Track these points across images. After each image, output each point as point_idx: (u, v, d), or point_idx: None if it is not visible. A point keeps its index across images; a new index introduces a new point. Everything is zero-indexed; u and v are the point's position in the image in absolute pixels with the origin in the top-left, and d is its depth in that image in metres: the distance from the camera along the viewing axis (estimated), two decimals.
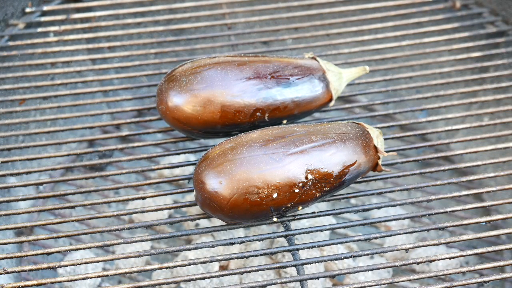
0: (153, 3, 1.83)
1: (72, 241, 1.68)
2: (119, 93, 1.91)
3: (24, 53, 1.66)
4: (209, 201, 1.25)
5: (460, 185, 1.76)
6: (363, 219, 1.36)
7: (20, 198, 1.39)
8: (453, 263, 1.58)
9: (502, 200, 1.38)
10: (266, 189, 1.24)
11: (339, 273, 1.27)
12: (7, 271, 1.27)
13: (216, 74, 1.35)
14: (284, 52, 1.75)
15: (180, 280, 1.26)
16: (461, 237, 1.32)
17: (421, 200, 1.37)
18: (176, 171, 1.81)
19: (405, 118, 1.88)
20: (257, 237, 1.32)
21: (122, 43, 1.70)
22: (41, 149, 1.73)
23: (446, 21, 1.77)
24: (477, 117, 1.78)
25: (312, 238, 1.57)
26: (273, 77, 1.38)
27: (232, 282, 1.52)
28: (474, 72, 1.73)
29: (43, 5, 1.76)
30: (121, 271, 1.28)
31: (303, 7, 1.83)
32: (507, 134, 1.50)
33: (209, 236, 1.62)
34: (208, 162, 1.25)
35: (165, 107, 1.36)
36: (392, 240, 1.64)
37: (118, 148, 1.47)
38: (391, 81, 1.70)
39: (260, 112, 1.37)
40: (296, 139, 1.27)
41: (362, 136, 1.32)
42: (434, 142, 1.48)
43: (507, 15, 1.75)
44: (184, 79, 1.35)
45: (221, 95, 1.34)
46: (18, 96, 1.57)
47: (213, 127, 1.36)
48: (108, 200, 1.38)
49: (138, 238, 1.31)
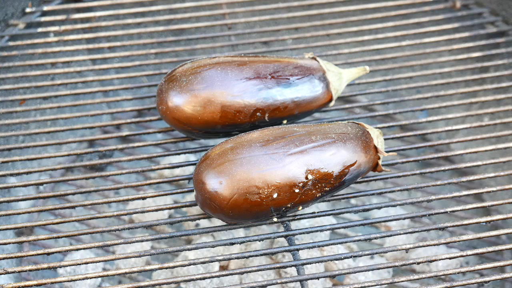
0: (153, 3, 1.83)
1: (72, 241, 1.68)
2: (119, 93, 1.91)
3: (24, 53, 1.66)
4: (209, 201, 1.25)
5: (460, 185, 1.76)
6: (363, 219, 1.36)
7: (21, 198, 1.39)
8: (453, 263, 1.58)
9: (502, 200, 1.38)
10: (266, 189, 1.24)
11: (339, 273, 1.27)
12: (7, 271, 1.27)
13: (216, 74, 1.35)
14: (284, 52, 1.75)
15: (180, 280, 1.26)
16: (461, 237, 1.32)
17: (421, 200, 1.37)
18: (176, 171, 1.81)
19: (405, 118, 1.88)
20: (257, 237, 1.32)
21: (122, 43, 1.70)
22: (42, 149, 1.73)
23: (446, 21, 1.77)
24: (477, 117, 1.78)
25: (312, 238, 1.57)
26: (273, 77, 1.38)
27: (232, 282, 1.52)
28: (475, 72, 1.73)
29: (43, 5, 1.76)
30: (121, 271, 1.28)
31: (303, 7, 1.83)
32: (507, 134, 1.50)
33: (209, 236, 1.62)
34: (208, 162, 1.25)
35: (165, 107, 1.36)
36: (392, 240, 1.64)
37: (118, 148, 1.47)
38: (391, 81, 1.70)
39: (260, 112, 1.37)
40: (296, 139, 1.27)
41: (362, 136, 1.32)
42: (434, 142, 1.48)
43: (507, 15, 1.75)
44: (184, 79, 1.35)
45: (221, 95, 1.34)
46: (18, 96, 1.57)
47: (213, 127, 1.36)
48: (108, 200, 1.38)
49: (138, 238, 1.31)
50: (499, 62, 1.66)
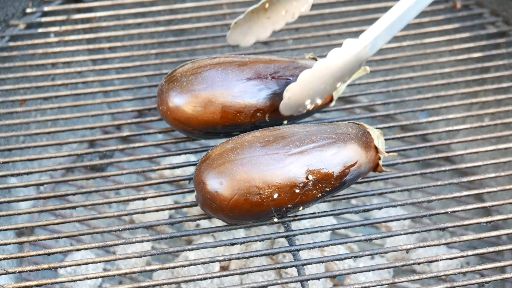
0: (154, 3, 1.83)
1: (72, 242, 1.68)
2: (120, 93, 1.91)
3: (25, 53, 1.66)
4: (209, 201, 1.25)
5: (460, 186, 1.76)
6: (364, 220, 1.36)
7: (21, 199, 1.39)
8: (453, 264, 1.58)
9: (503, 201, 1.38)
10: (267, 189, 1.24)
11: (340, 273, 1.27)
12: (7, 271, 1.27)
13: (217, 74, 1.35)
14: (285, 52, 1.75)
15: (181, 280, 1.27)
16: (462, 237, 1.32)
17: (421, 200, 1.37)
18: (177, 171, 1.81)
19: (406, 118, 1.88)
20: (258, 237, 1.32)
21: (123, 43, 1.70)
22: (42, 149, 1.73)
23: (447, 21, 1.77)
24: (478, 117, 1.78)
25: (313, 238, 1.57)
26: (273, 77, 1.38)
27: (232, 283, 1.52)
28: (475, 73, 1.73)
29: (43, 6, 1.76)
30: (122, 272, 1.28)
31: None
32: (508, 135, 1.50)
33: (209, 236, 1.62)
34: (209, 163, 1.25)
35: (166, 108, 1.36)
36: (392, 241, 1.64)
37: (119, 149, 1.47)
38: (392, 82, 1.70)
39: (260, 112, 1.37)
40: (296, 140, 1.27)
41: (363, 137, 1.32)
42: (435, 143, 1.48)
43: (508, 16, 1.75)
44: (184, 80, 1.35)
45: (221, 95, 1.34)
46: (19, 97, 1.58)
47: (214, 127, 1.36)
48: (108, 201, 1.38)
49: (138, 239, 1.31)
50: (499, 63, 1.66)
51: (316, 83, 1.34)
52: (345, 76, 1.36)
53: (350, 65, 1.34)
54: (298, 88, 1.34)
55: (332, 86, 1.36)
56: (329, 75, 1.34)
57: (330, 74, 1.33)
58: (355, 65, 1.34)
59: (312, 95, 1.36)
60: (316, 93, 1.36)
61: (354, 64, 1.34)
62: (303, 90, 1.34)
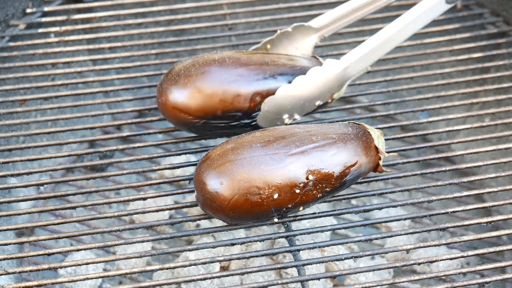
0: (154, 3, 1.83)
1: (73, 242, 1.67)
2: (120, 93, 1.91)
3: (25, 53, 1.66)
4: (210, 201, 1.25)
5: (461, 186, 1.76)
6: (364, 220, 1.36)
7: (21, 199, 1.39)
8: (454, 264, 1.58)
9: (503, 201, 1.38)
10: (267, 189, 1.24)
11: (340, 273, 1.27)
12: (7, 271, 1.27)
13: (215, 62, 1.37)
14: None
15: (181, 280, 1.26)
16: (462, 237, 1.32)
17: (422, 200, 1.37)
18: (177, 171, 1.81)
19: (406, 118, 1.88)
20: (258, 237, 1.32)
21: (123, 43, 1.70)
22: (42, 149, 1.73)
23: (447, 21, 1.77)
24: (478, 117, 1.78)
25: (313, 238, 1.57)
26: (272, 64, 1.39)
27: (233, 283, 1.52)
28: (475, 73, 1.73)
29: (43, 6, 1.76)
30: (122, 272, 1.28)
31: (304, 8, 1.83)
32: (508, 135, 1.50)
33: (210, 236, 1.62)
34: (209, 163, 1.25)
35: (165, 98, 1.36)
36: (393, 241, 1.64)
37: (119, 149, 1.47)
38: (392, 82, 1.70)
39: (259, 96, 1.37)
40: (296, 140, 1.27)
41: (363, 137, 1.32)
42: (435, 143, 1.48)
43: (508, 16, 1.75)
44: (183, 71, 1.37)
45: (219, 80, 1.35)
46: (19, 97, 1.58)
47: (214, 114, 1.36)
48: (109, 201, 1.38)
49: (139, 239, 1.31)
50: (500, 63, 1.66)
51: (294, 99, 1.37)
52: (325, 95, 1.38)
53: (330, 84, 1.36)
54: (277, 102, 1.36)
55: (310, 103, 1.39)
56: (308, 93, 1.36)
57: (308, 92, 1.36)
58: (334, 85, 1.37)
59: (290, 110, 1.38)
60: (294, 109, 1.38)
61: (333, 85, 1.36)
62: (282, 105, 1.37)
